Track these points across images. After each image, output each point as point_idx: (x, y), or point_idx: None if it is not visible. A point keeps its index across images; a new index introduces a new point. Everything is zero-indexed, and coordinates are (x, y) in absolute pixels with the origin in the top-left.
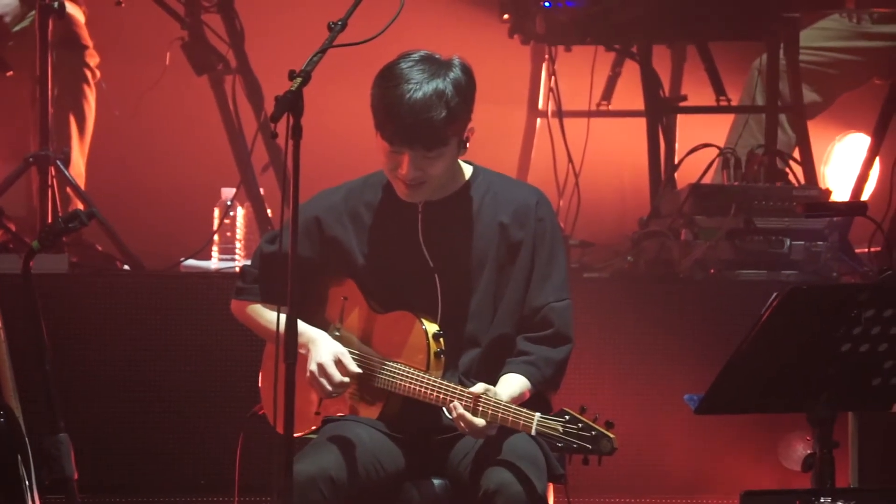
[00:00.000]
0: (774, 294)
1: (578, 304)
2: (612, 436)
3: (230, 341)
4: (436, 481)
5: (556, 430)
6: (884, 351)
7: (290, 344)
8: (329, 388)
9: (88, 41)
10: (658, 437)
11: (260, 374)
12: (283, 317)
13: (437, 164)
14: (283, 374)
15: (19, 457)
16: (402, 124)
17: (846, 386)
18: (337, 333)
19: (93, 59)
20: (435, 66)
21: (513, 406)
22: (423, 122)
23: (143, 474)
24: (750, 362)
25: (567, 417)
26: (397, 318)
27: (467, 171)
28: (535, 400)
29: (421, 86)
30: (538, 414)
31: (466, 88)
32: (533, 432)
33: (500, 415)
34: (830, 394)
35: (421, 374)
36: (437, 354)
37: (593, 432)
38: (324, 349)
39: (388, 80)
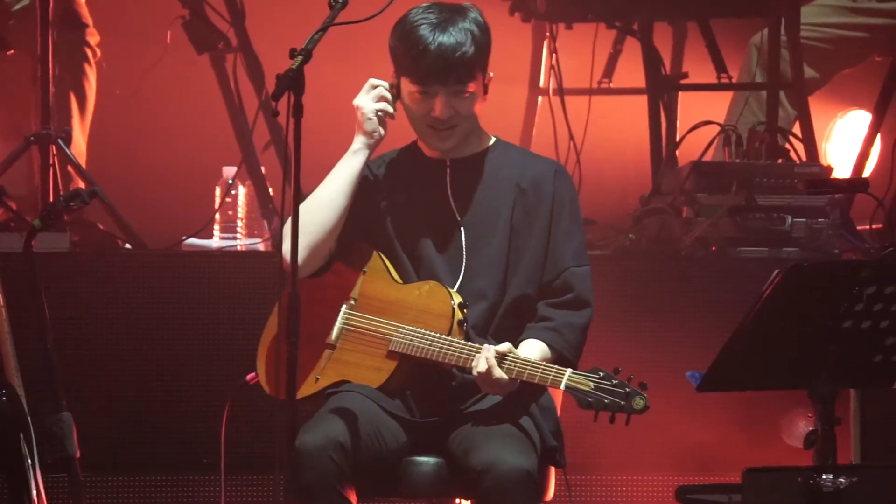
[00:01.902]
0: (776, 271)
1: None
2: (644, 394)
3: (233, 319)
4: (432, 459)
5: (587, 386)
6: (885, 328)
7: (293, 323)
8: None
9: (89, 19)
10: (659, 415)
11: (260, 342)
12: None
13: (468, 102)
14: (284, 348)
15: (22, 435)
16: (434, 60)
17: (848, 363)
18: (353, 303)
19: (93, 37)
20: (450, 8)
21: (541, 363)
22: (455, 55)
23: (146, 452)
24: (752, 340)
25: (601, 374)
26: (423, 285)
27: (490, 138)
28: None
29: (445, 24)
30: (570, 369)
31: (485, 27)
32: (562, 387)
33: (527, 372)
34: (832, 371)
35: (442, 337)
36: (460, 322)
37: (626, 389)
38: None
39: (408, 25)
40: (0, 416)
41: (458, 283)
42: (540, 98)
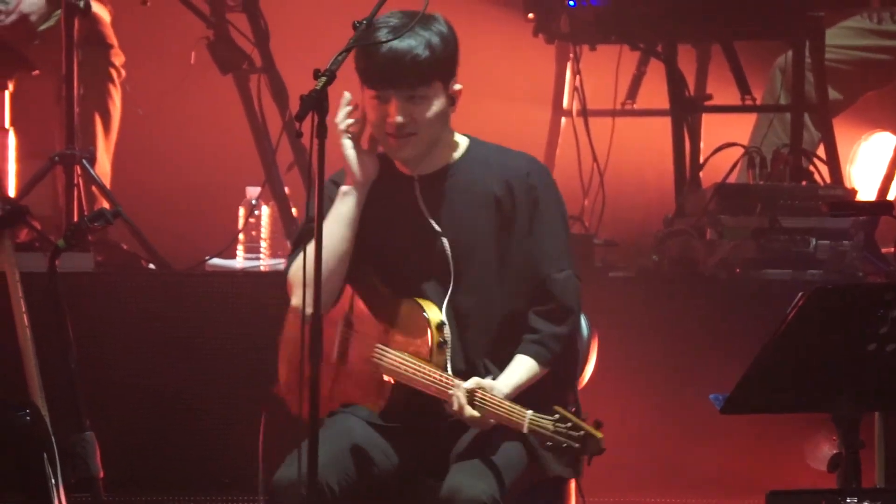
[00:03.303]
0: (800, 293)
1: (603, 303)
2: (599, 436)
3: (255, 340)
4: (432, 481)
5: (547, 429)
6: None
7: (315, 345)
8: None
9: (114, 40)
10: (683, 437)
11: (279, 357)
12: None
13: (424, 108)
14: (307, 361)
15: (45, 455)
16: (385, 62)
17: (872, 386)
18: (349, 322)
19: (118, 58)
20: (414, 16)
21: (506, 403)
22: (406, 58)
23: (168, 472)
24: (775, 362)
25: (557, 416)
26: (403, 306)
27: (463, 143)
28: (542, 398)
29: (401, 29)
30: (530, 412)
31: (450, 38)
32: (525, 430)
33: (493, 410)
34: (856, 394)
35: (423, 366)
36: (439, 345)
37: (581, 432)
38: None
39: (369, 30)
40: (23, 435)
41: (444, 304)
42: (563, 119)
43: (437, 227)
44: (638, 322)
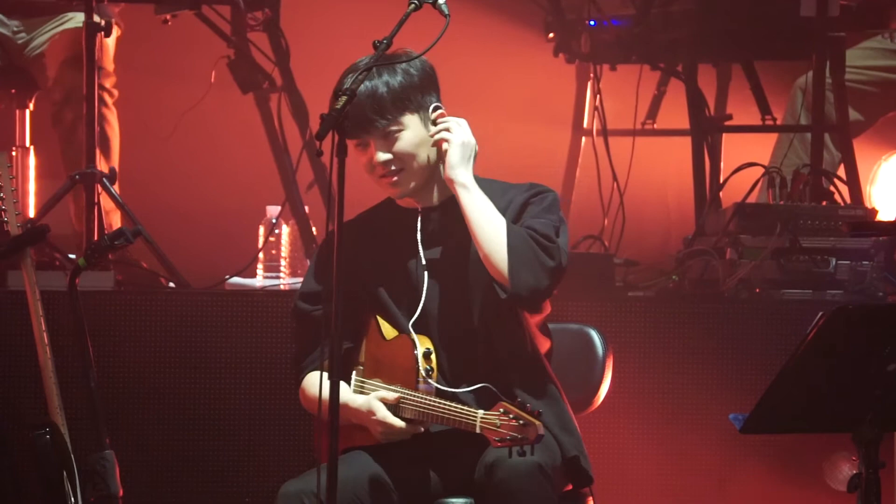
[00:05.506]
0: (820, 314)
1: (623, 324)
2: (537, 423)
3: (275, 359)
4: (461, 500)
5: (495, 425)
6: None
7: (334, 362)
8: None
9: (105, 63)
10: (703, 457)
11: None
12: (325, 383)
13: (402, 141)
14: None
15: (65, 474)
16: (352, 112)
17: (892, 406)
18: (361, 368)
19: (108, 79)
20: (384, 57)
21: (456, 406)
22: (371, 100)
23: (188, 491)
24: (795, 382)
25: (502, 410)
26: (397, 341)
27: None
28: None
29: (369, 74)
30: (481, 411)
31: (410, 70)
32: (477, 430)
33: (441, 415)
34: (876, 414)
35: (418, 396)
36: (427, 371)
37: (521, 421)
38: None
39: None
40: (43, 454)
41: (410, 323)
42: (584, 139)
43: (423, 261)
44: (657, 342)
